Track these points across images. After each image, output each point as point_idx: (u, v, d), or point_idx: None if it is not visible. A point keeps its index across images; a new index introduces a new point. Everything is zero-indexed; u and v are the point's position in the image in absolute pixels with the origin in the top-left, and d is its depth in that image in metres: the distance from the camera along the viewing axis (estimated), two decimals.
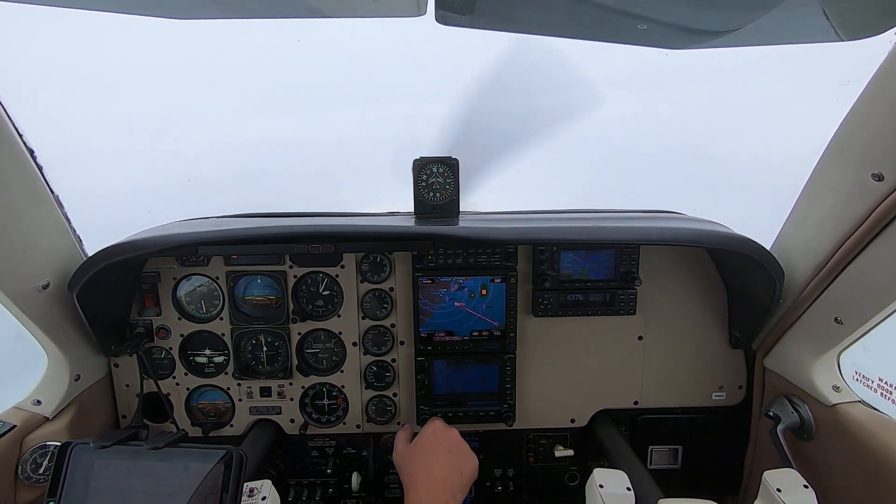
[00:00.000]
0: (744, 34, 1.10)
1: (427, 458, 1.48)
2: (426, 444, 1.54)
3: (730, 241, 1.62)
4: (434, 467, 1.44)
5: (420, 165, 1.81)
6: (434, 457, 1.48)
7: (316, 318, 1.91)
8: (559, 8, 1.12)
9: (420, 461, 1.47)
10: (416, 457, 1.50)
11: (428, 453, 1.50)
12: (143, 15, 1.16)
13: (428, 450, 1.51)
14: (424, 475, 1.41)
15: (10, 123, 1.35)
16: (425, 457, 1.49)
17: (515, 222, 1.74)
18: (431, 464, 1.45)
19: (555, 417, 2.00)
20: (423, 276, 1.82)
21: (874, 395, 1.64)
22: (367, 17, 1.19)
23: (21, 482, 1.57)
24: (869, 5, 1.05)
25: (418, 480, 1.40)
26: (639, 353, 1.95)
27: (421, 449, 1.53)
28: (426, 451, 1.51)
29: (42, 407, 1.64)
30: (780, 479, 1.38)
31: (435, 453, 1.49)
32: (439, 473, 1.42)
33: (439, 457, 1.48)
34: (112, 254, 1.56)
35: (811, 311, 1.61)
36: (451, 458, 1.49)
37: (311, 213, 1.88)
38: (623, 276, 1.86)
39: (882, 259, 1.35)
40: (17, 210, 1.42)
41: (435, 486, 1.38)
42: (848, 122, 1.35)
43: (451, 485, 1.40)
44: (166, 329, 1.89)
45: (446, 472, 1.43)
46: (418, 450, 1.53)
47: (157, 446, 1.32)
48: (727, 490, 2.05)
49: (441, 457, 1.48)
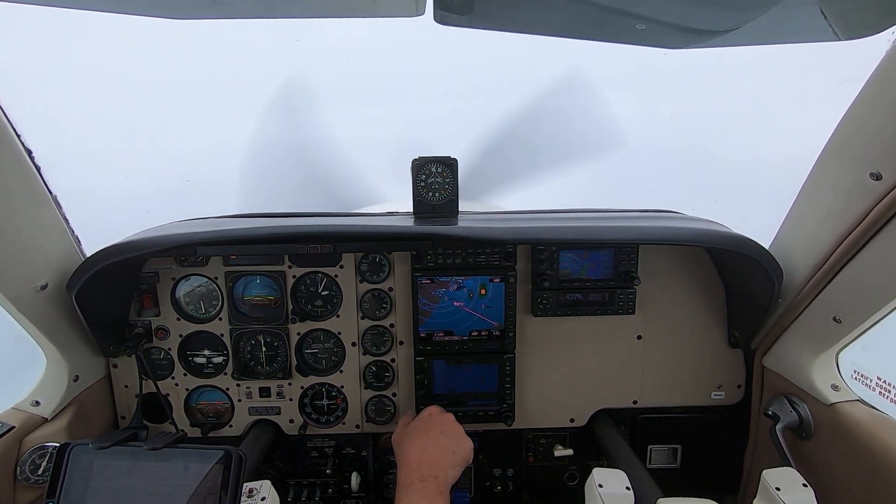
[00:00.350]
0: (742, 34, 1.10)
1: (420, 438, 1.55)
2: (421, 426, 1.61)
3: (729, 240, 1.63)
4: (427, 446, 1.51)
5: (419, 165, 1.81)
6: (427, 437, 1.55)
7: (315, 318, 1.91)
8: (558, 8, 1.13)
9: (413, 440, 1.55)
10: (410, 436, 1.58)
11: (421, 434, 1.57)
12: (143, 15, 1.16)
13: (422, 431, 1.59)
14: (417, 453, 1.48)
15: (9, 124, 1.35)
16: (418, 437, 1.56)
17: (515, 222, 1.74)
18: (424, 443, 1.53)
19: (554, 417, 2.00)
20: (422, 275, 1.82)
21: (873, 393, 1.64)
22: (365, 17, 1.19)
23: (20, 483, 1.56)
24: (867, 5, 1.05)
25: (411, 458, 1.47)
26: (638, 352, 1.95)
27: (414, 430, 1.60)
28: (420, 432, 1.58)
29: (41, 408, 1.64)
30: (779, 478, 1.38)
31: (429, 434, 1.57)
32: (432, 452, 1.49)
33: (432, 437, 1.55)
34: (111, 254, 1.56)
35: (810, 311, 1.61)
36: (444, 438, 1.56)
37: (310, 213, 1.88)
38: (622, 275, 1.87)
39: (880, 258, 1.35)
40: (15, 210, 1.42)
41: (425, 463, 1.44)
42: (846, 121, 1.36)
43: (443, 463, 1.46)
44: (165, 329, 1.89)
45: (438, 452, 1.50)
46: (412, 430, 1.60)
47: (157, 447, 1.32)
48: (726, 489, 2.05)
49: (434, 437, 1.55)
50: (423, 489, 1.36)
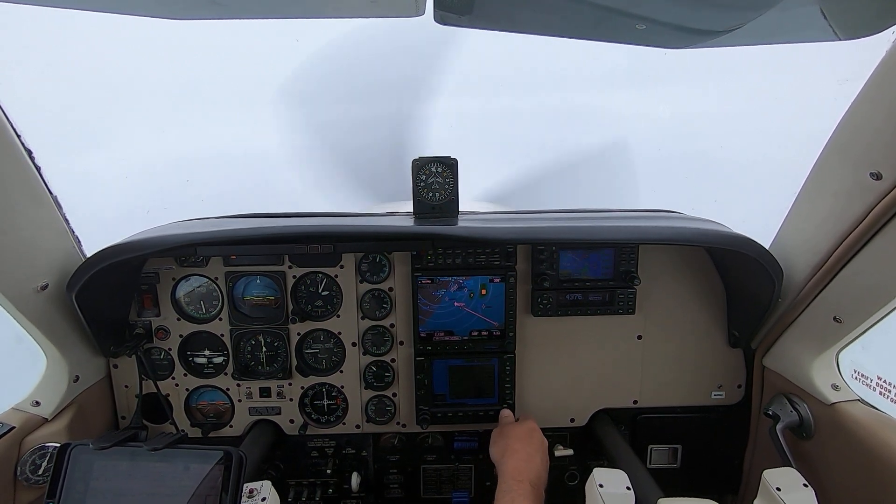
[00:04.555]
0: (742, 34, 1.10)
1: (524, 448, 1.64)
2: (523, 436, 1.69)
3: (728, 240, 1.63)
4: (533, 456, 1.60)
5: (419, 165, 1.81)
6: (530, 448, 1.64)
7: (315, 318, 1.91)
8: (558, 8, 1.13)
9: (516, 451, 1.63)
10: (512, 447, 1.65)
11: (525, 444, 1.65)
12: (143, 15, 1.16)
13: (525, 442, 1.67)
14: (523, 463, 1.57)
15: (9, 124, 1.35)
16: (521, 448, 1.64)
17: (515, 222, 1.74)
18: (532, 452, 1.62)
19: (554, 417, 2.00)
20: (422, 276, 1.82)
21: (873, 393, 1.64)
22: (366, 17, 1.19)
23: (20, 483, 1.56)
24: (867, 5, 1.05)
25: (517, 465, 1.56)
26: (638, 352, 1.95)
27: (516, 440, 1.67)
28: (523, 443, 1.66)
29: (41, 408, 1.64)
30: (779, 478, 1.38)
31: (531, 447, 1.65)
32: (538, 462, 1.59)
33: (535, 449, 1.64)
34: (111, 254, 1.56)
35: (810, 310, 1.61)
36: (541, 450, 1.65)
37: (310, 214, 1.88)
38: (622, 275, 1.87)
39: (880, 258, 1.35)
40: (15, 211, 1.42)
41: (530, 470, 1.54)
42: (846, 121, 1.36)
43: (542, 476, 1.57)
44: (165, 330, 1.88)
45: (539, 461, 1.60)
46: (514, 441, 1.67)
47: (157, 447, 1.32)
48: (727, 489, 2.05)
49: (536, 449, 1.64)
50: (523, 493, 1.44)
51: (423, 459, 2.06)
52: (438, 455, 2.06)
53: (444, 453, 2.05)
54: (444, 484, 2.10)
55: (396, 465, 2.06)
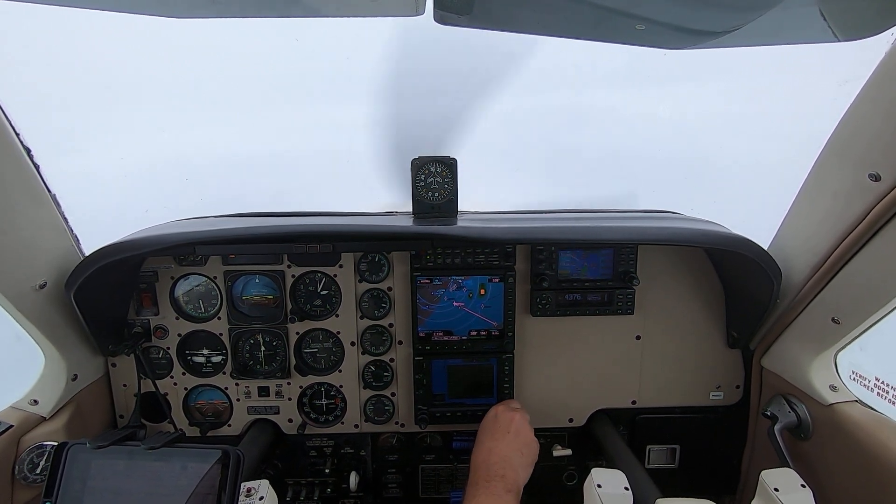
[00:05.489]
0: (741, 35, 1.10)
1: (487, 440, 1.59)
2: (488, 426, 1.65)
3: (727, 240, 1.63)
4: (494, 447, 1.55)
5: (418, 165, 1.81)
6: (493, 438, 1.59)
7: (314, 317, 1.91)
8: (558, 8, 1.13)
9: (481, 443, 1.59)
10: (478, 439, 1.62)
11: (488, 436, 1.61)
12: (143, 14, 1.16)
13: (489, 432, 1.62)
14: (484, 454, 1.53)
15: (8, 123, 1.35)
16: (485, 438, 1.60)
17: (514, 222, 1.74)
18: (491, 444, 1.57)
19: (553, 417, 2.00)
20: (421, 275, 1.82)
21: (871, 394, 1.64)
22: (365, 16, 1.19)
23: (18, 482, 1.56)
24: (867, 5, 1.05)
25: (478, 459, 1.51)
26: (637, 352, 1.96)
27: (482, 431, 1.64)
28: (487, 433, 1.62)
29: (39, 407, 1.63)
30: (777, 479, 1.38)
31: (495, 435, 1.61)
32: (499, 452, 1.53)
33: (498, 437, 1.59)
34: (109, 253, 1.55)
35: (808, 311, 1.61)
36: (510, 437, 1.59)
37: (310, 213, 1.88)
38: (621, 275, 1.87)
39: (879, 259, 1.35)
40: (13, 209, 1.42)
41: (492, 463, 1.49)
42: (845, 122, 1.36)
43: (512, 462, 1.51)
44: (164, 329, 1.88)
45: (506, 451, 1.53)
46: (480, 432, 1.65)
47: (155, 446, 1.32)
48: (725, 489, 2.05)
49: (500, 437, 1.59)
50: (486, 489, 1.39)
51: (422, 459, 2.07)
52: (437, 455, 2.06)
53: (443, 453, 2.05)
54: (443, 484, 2.10)
55: (395, 464, 2.07)
